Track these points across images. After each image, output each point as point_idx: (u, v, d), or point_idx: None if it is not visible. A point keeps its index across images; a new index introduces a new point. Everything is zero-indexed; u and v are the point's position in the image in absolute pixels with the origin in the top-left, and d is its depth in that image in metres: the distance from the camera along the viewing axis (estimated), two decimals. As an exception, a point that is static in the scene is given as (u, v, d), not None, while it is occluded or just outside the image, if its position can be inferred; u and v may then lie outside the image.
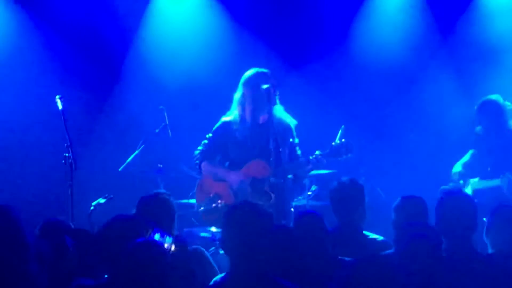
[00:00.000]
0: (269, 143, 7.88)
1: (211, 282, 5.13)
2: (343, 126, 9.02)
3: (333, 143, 7.80)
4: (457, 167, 9.00)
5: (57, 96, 8.23)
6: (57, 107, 8.19)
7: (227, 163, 8.17)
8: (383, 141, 10.56)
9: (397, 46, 10.65)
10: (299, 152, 8.14)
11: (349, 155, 7.76)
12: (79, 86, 10.27)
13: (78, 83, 10.29)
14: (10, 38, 10.46)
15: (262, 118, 8.04)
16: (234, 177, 7.99)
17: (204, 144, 8.19)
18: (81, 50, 10.47)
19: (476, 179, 8.77)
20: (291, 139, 8.07)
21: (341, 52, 10.71)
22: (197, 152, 8.23)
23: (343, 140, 7.89)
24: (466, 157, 9.08)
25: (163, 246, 4.68)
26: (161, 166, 9.24)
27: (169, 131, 9.19)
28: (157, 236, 5.12)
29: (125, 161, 9.34)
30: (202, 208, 8.10)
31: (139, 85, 10.67)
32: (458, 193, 6.12)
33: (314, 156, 7.79)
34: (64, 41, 10.42)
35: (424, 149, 9.88)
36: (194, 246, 6.08)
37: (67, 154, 8.04)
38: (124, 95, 10.64)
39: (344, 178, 6.66)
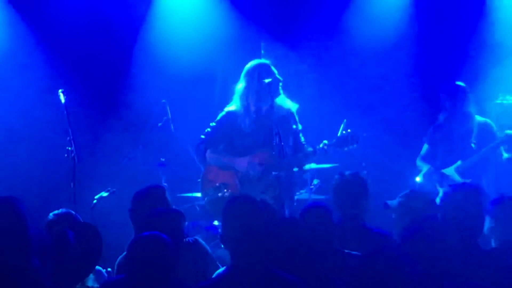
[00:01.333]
0: (272, 134, 7.89)
1: (213, 276, 5.15)
2: (345, 120, 9.04)
3: (338, 134, 7.84)
4: (418, 161, 9.07)
5: (60, 90, 8.24)
6: (59, 100, 8.21)
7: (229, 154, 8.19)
8: (386, 134, 10.55)
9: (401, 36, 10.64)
10: (303, 139, 8.15)
11: (355, 145, 7.80)
12: (82, 79, 10.26)
13: (81, 76, 10.29)
14: (13, 30, 10.45)
15: (264, 110, 8.06)
16: (241, 162, 8.02)
17: (207, 132, 8.22)
18: (84, 43, 10.46)
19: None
20: (294, 126, 8.08)
21: (343, 43, 10.70)
22: (200, 140, 8.24)
23: (348, 130, 7.92)
24: (422, 150, 9.15)
25: (167, 239, 4.70)
26: (164, 160, 9.23)
27: (172, 125, 9.18)
28: None
29: (127, 155, 9.34)
30: (207, 198, 8.12)
31: (143, 78, 10.67)
32: (465, 187, 6.11)
33: (321, 145, 7.82)
34: (67, 34, 10.41)
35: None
36: (193, 237, 6.09)
37: (69, 148, 8.06)
38: (127, 89, 10.63)
39: (347, 172, 6.67)
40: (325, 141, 7.87)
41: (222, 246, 7.34)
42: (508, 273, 5.29)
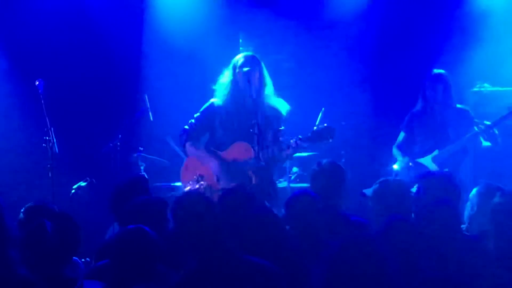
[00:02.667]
0: (253, 126, 7.89)
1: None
2: (323, 109, 9.06)
3: (314, 128, 7.77)
4: (394, 149, 9.02)
5: (37, 80, 8.21)
6: (37, 90, 8.17)
7: (213, 145, 8.17)
8: (365, 122, 10.58)
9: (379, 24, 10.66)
10: (281, 139, 8.12)
11: (330, 140, 7.72)
12: (60, 68, 10.21)
13: (59, 65, 10.23)
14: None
15: (247, 102, 8.02)
16: (214, 164, 7.99)
17: (191, 123, 8.20)
18: (62, 32, 10.41)
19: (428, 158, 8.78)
20: (282, 127, 8.05)
21: (321, 31, 10.71)
22: (183, 131, 8.22)
23: (325, 124, 7.87)
24: (399, 138, 9.06)
25: (152, 233, 4.70)
26: (142, 149, 9.22)
27: (151, 115, 9.17)
28: None
29: (106, 144, 9.32)
30: (187, 188, 8.13)
31: (121, 67, 10.63)
32: (442, 174, 6.16)
33: (294, 139, 7.77)
34: (45, 23, 10.34)
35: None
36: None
37: (47, 138, 8.04)
38: (106, 77, 10.59)
39: (325, 160, 6.67)
40: (300, 136, 7.80)
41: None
42: (487, 259, 5.32)
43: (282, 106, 8.13)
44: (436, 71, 8.89)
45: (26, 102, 9.71)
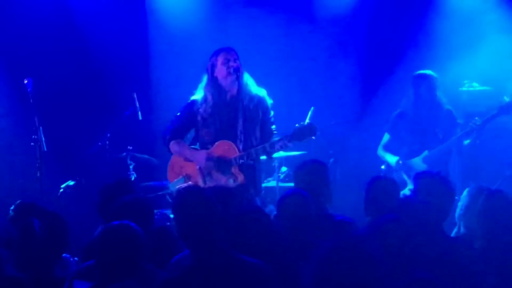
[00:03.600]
0: (238, 122, 7.86)
1: (174, 259, 5.15)
2: (312, 108, 9.04)
3: (296, 125, 7.74)
4: (379, 150, 9.02)
5: (26, 79, 8.19)
6: (26, 89, 8.15)
7: (197, 143, 8.14)
8: (354, 122, 10.59)
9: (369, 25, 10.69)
10: (273, 127, 8.06)
11: (313, 137, 7.68)
12: (49, 68, 10.18)
13: (48, 65, 10.20)
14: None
15: (230, 97, 7.97)
16: (199, 157, 7.93)
17: (172, 122, 8.13)
18: (52, 32, 10.37)
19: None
20: (261, 114, 7.98)
21: (310, 32, 10.73)
22: (165, 130, 8.18)
23: (307, 121, 7.85)
24: (384, 139, 9.04)
25: (137, 228, 4.69)
26: (131, 148, 9.21)
27: (139, 114, 9.15)
28: None
29: (95, 143, 9.31)
30: (174, 188, 8.11)
31: (111, 66, 10.61)
32: (433, 176, 6.15)
33: (278, 138, 7.73)
34: (35, 23, 10.31)
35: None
36: (160, 225, 6.08)
37: (36, 137, 8.02)
38: (95, 77, 10.57)
39: (307, 160, 6.65)
40: (286, 135, 7.76)
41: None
42: (472, 259, 5.34)
43: (264, 93, 8.06)
44: (420, 71, 8.91)
45: (14, 101, 9.68)
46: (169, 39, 10.66)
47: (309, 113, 8.99)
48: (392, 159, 8.82)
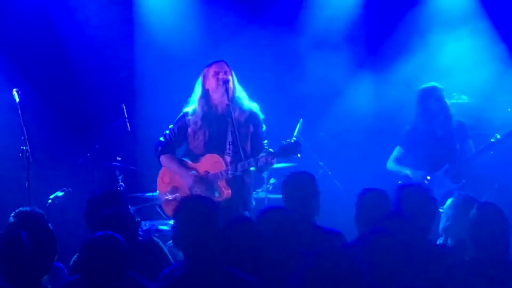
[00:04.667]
0: (227, 135, 7.88)
1: (164, 271, 5.13)
2: (301, 120, 9.06)
3: (282, 142, 7.74)
4: (391, 164, 8.98)
5: (14, 89, 8.18)
6: (14, 100, 8.14)
7: (188, 156, 8.14)
8: (342, 134, 10.59)
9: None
10: (265, 142, 8.07)
11: (298, 155, 7.67)
12: (37, 78, 10.16)
13: (36, 75, 10.18)
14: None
15: (220, 110, 7.99)
16: (187, 180, 7.96)
17: (165, 135, 8.16)
18: (38, 42, 10.35)
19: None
20: (252, 128, 7.98)
21: (299, 43, 10.74)
22: (158, 143, 8.19)
23: (293, 138, 7.84)
24: (395, 153, 9.01)
25: (121, 239, 4.68)
26: (120, 159, 9.19)
27: (128, 125, 9.14)
28: None
29: (83, 154, 9.28)
30: (162, 198, 8.13)
31: (99, 77, 10.60)
32: (417, 186, 6.18)
33: (263, 154, 7.72)
34: (20, 34, 10.28)
35: (383, 141, 9.89)
36: (148, 237, 6.06)
37: (24, 147, 8.00)
38: (83, 88, 10.55)
39: (296, 171, 6.64)
40: (271, 150, 7.76)
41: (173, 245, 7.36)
42: (459, 269, 5.35)
43: (256, 108, 8.08)
44: (425, 85, 8.90)
45: (2, 111, 9.64)
46: (156, 48, 10.65)
47: (298, 125, 9.01)
48: (415, 175, 8.77)
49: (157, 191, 8.33)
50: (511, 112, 9.47)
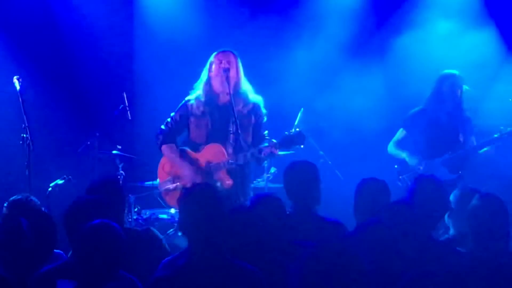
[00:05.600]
0: (229, 125, 7.88)
1: (166, 261, 5.13)
2: (302, 109, 9.05)
3: (286, 132, 7.74)
4: (391, 146, 8.92)
5: (15, 77, 8.17)
6: (14, 87, 8.13)
7: (189, 144, 8.14)
8: (344, 124, 10.58)
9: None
10: (266, 132, 8.09)
11: (302, 146, 7.67)
12: (38, 66, 10.15)
13: (37, 63, 10.17)
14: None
15: (222, 99, 8.00)
16: (188, 172, 7.97)
17: (167, 123, 8.17)
18: (39, 30, 10.34)
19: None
20: (254, 119, 7.99)
21: (300, 33, 10.73)
22: (159, 131, 8.19)
23: (297, 129, 7.84)
24: (397, 135, 8.93)
25: (117, 227, 4.67)
26: (120, 147, 9.19)
27: (129, 113, 9.13)
28: None
29: (84, 142, 9.28)
30: (162, 187, 8.14)
31: (100, 65, 10.59)
32: (436, 180, 6.13)
33: (266, 144, 7.73)
34: (23, 21, 10.26)
35: (383, 131, 9.88)
36: (145, 227, 6.05)
37: (24, 135, 8.00)
38: (84, 76, 10.55)
39: (297, 160, 6.63)
40: (274, 140, 7.76)
41: (180, 233, 7.35)
42: (460, 263, 5.35)
43: (260, 101, 8.09)
44: (452, 71, 8.82)
45: (2, 99, 9.64)
46: (156, 37, 10.64)
47: (299, 114, 9.00)
48: (412, 159, 8.73)
49: (158, 180, 8.35)
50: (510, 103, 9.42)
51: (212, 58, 8.07)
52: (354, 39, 10.64)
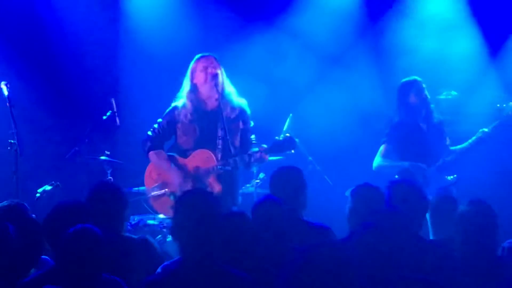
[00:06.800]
0: (217, 131, 7.87)
1: (159, 268, 5.12)
2: (290, 115, 9.04)
3: (276, 138, 7.74)
4: (381, 161, 8.83)
5: (3, 82, 8.15)
6: (2, 93, 8.11)
7: (177, 150, 8.13)
8: (331, 129, 10.59)
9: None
10: (253, 136, 8.08)
11: (292, 151, 7.67)
12: (26, 71, 10.13)
13: (25, 68, 10.15)
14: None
15: (210, 105, 7.98)
16: (175, 178, 7.95)
17: (154, 130, 8.15)
18: (28, 35, 10.32)
19: None
20: (242, 124, 7.98)
21: (288, 36, 10.74)
22: (146, 137, 8.17)
23: (287, 135, 7.83)
24: (382, 151, 8.85)
25: (99, 232, 4.67)
26: (108, 153, 9.16)
27: (117, 119, 9.11)
28: None
29: (72, 148, 9.25)
30: (150, 194, 8.13)
31: (89, 71, 10.57)
32: (408, 182, 6.15)
33: (256, 149, 7.71)
34: (10, 26, 10.24)
35: (372, 136, 9.89)
36: (142, 236, 6.04)
37: (12, 141, 7.97)
38: (72, 82, 10.53)
39: (284, 166, 6.63)
40: (264, 145, 7.75)
41: (169, 239, 7.33)
42: (449, 265, 5.37)
43: (245, 104, 8.07)
44: (411, 78, 8.82)
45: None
46: (153, 44, 10.63)
47: (288, 120, 8.99)
48: (418, 167, 8.61)
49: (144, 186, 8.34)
50: (497, 108, 9.45)
51: (193, 64, 8.02)
52: (341, 46, 10.65)
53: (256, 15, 10.72)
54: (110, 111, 9.07)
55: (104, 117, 9.13)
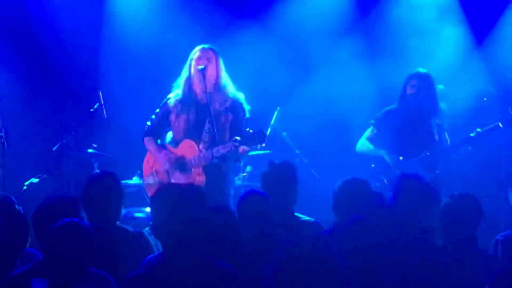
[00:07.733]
0: (204, 123, 7.88)
1: (143, 262, 5.12)
2: (278, 108, 9.06)
3: (247, 129, 7.75)
4: (363, 144, 8.84)
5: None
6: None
7: (172, 141, 8.16)
8: (320, 122, 10.60)
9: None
10: (248, 129, 8.07)
11: (263, 144, 7.65)
12: (12, 63, 10.11)
13: (11, 60, 10.13)
14: None
15: (200, 97, 7.98)
16: (160, 159, 8.01)
17: (152, 119, 8.20)
18: (14, 29, 10.29)
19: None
20: (233, 116, 7.97)
21: (277, 33, 10.74)
22: (146, 127, 8.22)
23: (260, 128, 7.79)
24: (367, 133, 8.87)
25: (87, 226, 4.67)
26: (96, 146, 9.16)
27: (104, 111, 9.10)
28: None
29: (59, 141, 9.24)
30: (145, 182, 8.18)
31: (75, 63, 10.56)
32: (420, 179, 6.12)
33: (232, 141, 7.69)
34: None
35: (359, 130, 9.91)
36: (138, 230, 6.03)
37: (-1, 134, 7.97)
38: (59, 74, 10.51)
39: (276, 160, 6.65)
40: (237, 137, 7.71)
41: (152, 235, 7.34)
42: (432, 257, 5.40)
43: (241, 98, 8.07)
44: (417, 70, 8.81)
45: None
46: (140, 38, 10.60)
47: (275, 113, 9.01)
48: (392, 158, 8.66)
49: (134, 178, 8.33)
50: (485, 102, 9.49)
51: (191, 55, 8.05)
52: (328, 41, 10.66)
53: (244, 11, 10.72)
54: (97, 104, 9.07)
55: (91, 110, 9.13)
